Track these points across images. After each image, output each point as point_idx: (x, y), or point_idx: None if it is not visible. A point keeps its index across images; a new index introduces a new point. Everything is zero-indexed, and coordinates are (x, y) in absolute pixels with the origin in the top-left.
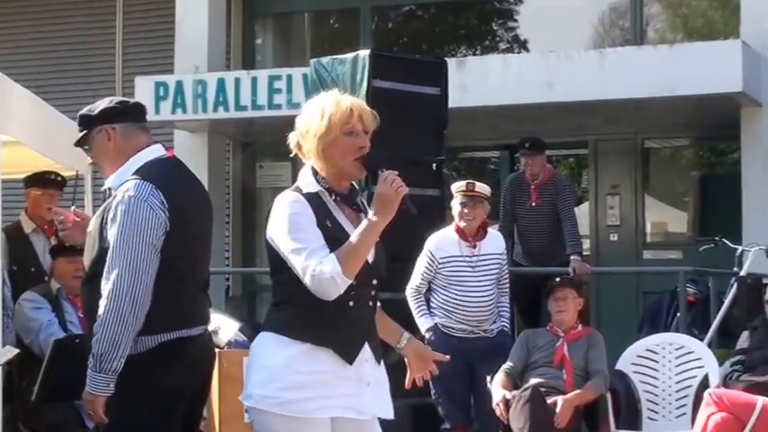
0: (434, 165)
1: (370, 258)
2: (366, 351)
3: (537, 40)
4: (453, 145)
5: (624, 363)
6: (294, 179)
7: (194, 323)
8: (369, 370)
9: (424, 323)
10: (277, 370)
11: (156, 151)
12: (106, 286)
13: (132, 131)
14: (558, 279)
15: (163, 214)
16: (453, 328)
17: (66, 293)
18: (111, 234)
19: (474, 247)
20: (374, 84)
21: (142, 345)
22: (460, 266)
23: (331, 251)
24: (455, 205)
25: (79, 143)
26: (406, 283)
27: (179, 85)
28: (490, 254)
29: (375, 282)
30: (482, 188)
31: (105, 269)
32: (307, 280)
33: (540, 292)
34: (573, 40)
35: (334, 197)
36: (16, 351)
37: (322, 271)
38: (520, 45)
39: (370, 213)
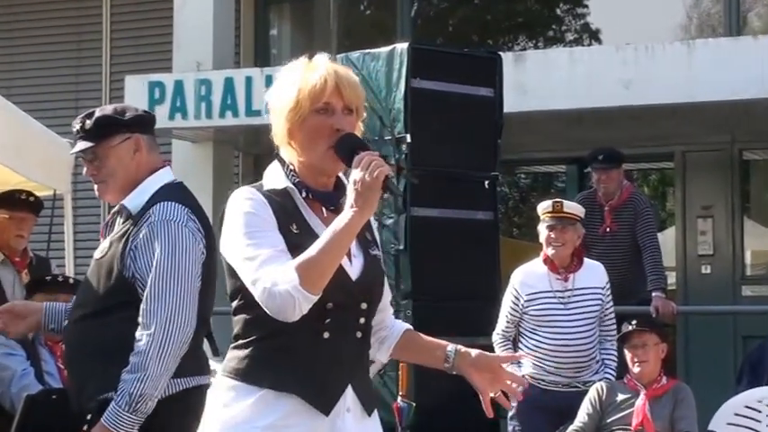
0: (486, 182)
1: (355, 273)
2: (348, 398)
3: (611, 30)
4: (509, 158)
5: (719, 423)
6: None
7: (208, 370)
8: (350, 424)
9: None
10: (230, 424)
11: (169, 173)
12: (150, 320)
13: (154, 147)
14: (635, 321)
15: (201, 243)
16: (544, 380)
17: (43, 339)
18: (147, 263)
19: (566, 280)
20: (414, 84)
21: (167, 389)
22: (550, 304)
23: None
24: (541, 229)
25: (85, 150)
26: (484, 324)
27: (178, 85)
28: (587, 288)
29: (364, 306)
30: (572, 207)
31: (146, 302)
32: (258, 295)
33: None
34: (655, 30)
35: (305, 195)
36: None
37: (275, 282)
38: (590, 36)
39: (346, 207)
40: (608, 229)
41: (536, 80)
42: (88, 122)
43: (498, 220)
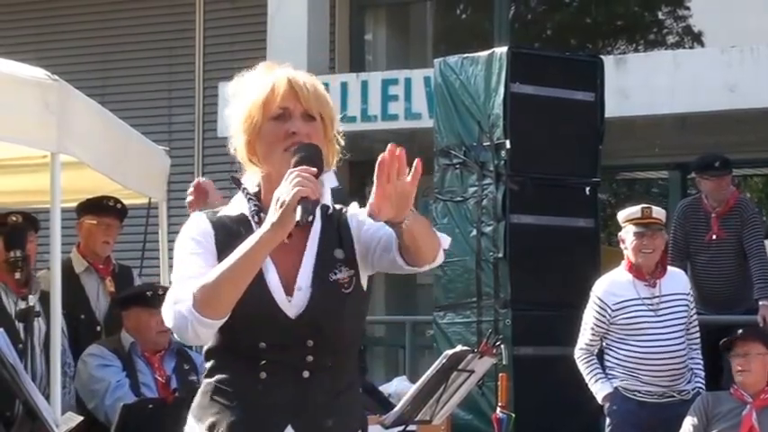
0: (587, 188)
1: (295, 310)
2: None
3: (715, 32)
4: (610, 163)
5: None
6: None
7: None
8: None
9: (600, 390)
10: None
11: (333, 179)
12: None
13: None
14: (740, 331)
15: None
16: (639, 392)
17: (140, 350)
18: None
19: (654, 286)
20: (513, 88)
21: None
22: (640, 312)
23: None
24: (628, 237)
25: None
26: (572, 334)
27: None
28: (674, 294)
29: (311, 343)
30: (659, 213)
31: None
32: (164, 316)
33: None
34: (760, 31)
35: (259, 220)
36: (79, 419)
37: (176, 300)
38: (693, 38)
39: (264, 223)
40: (714, 237)
41: (638, 84)
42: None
43: (599, 228)
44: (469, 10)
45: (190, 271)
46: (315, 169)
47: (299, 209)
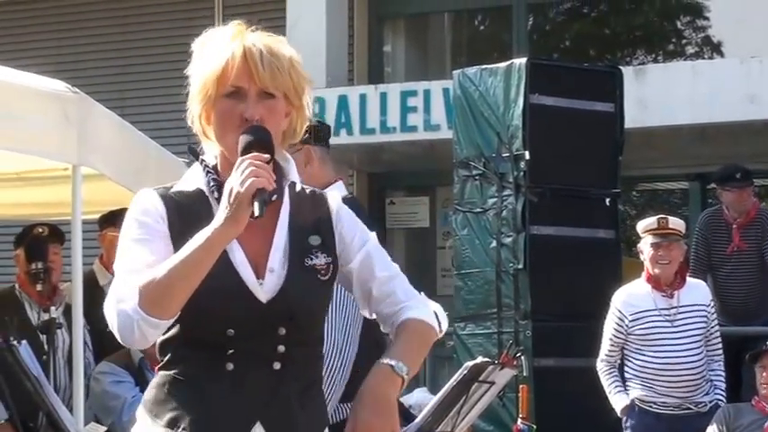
0: (608, 199)
1: (267, 294)
2: None
3: (734, 42)
4: (630, 174)
5: None
6: (433, 217)
7: None
8: None
9: (618, 402)
10: None
11: (342, 188)
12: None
13: (327, 159)
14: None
15: None
16: (655, 403)
17: (150, 364)
18: None
19: (671, 297)
20: (533, 100)
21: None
22: (657, 323)
23: None
24: (645, 248)
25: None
26: (592, 346)
27: None
28: (692, 305)
29: (282, 331)
30: (676, 224)
31: None
32: (106, 314)
33: (742, 358)
34: None
35: (218, 196)
36: (103, 429)
37: (120, 299)
38: (712, 49)
39: (216, 216)
40: (735, 249)
41: (657, 95)
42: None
43: (620, 239)
44: (488, 21)
45: (134, 263)
46: (267, 156)
47: (255, 204)
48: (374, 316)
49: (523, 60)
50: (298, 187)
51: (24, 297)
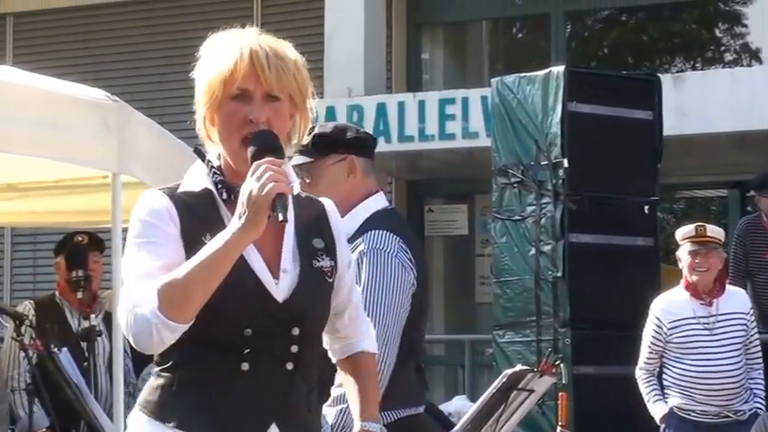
0: (646, 207)
1: (282, 293)
2: None
3: None
4: (668, 182)
5: None
6: (472, 225)
7: (420, 400)
8: None
9: (657, 410)
10: None
11: (383, 199)
12: None
13: (370, 171)
14: None
15: (412, 273)
16: (694, 411)
17: None
18: None
19: (710, 305)
20: (571, 108)
21: None
22: (695, 331)
23: None
24: (683, 255)
25: (300, 166)
26: (631, 353)
27: (330, 111)
28: (732, 313)
29: (296, 331)
30: (714, 231)
31: None
32: (120, 319)
33: None
34: None
35: (227, 197)
36: None
37: (135, 303)
38: (751, 56)
39: (233, 220)
40: None
41: (696, 102)
42: (307, 138)
43: (659, 246)
44: (526, 29)
45: (146, 267)
46: (282, 160)
47: (278, 208)
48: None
49: (561, 68)
50: (296, 191)
51: (65, 304)
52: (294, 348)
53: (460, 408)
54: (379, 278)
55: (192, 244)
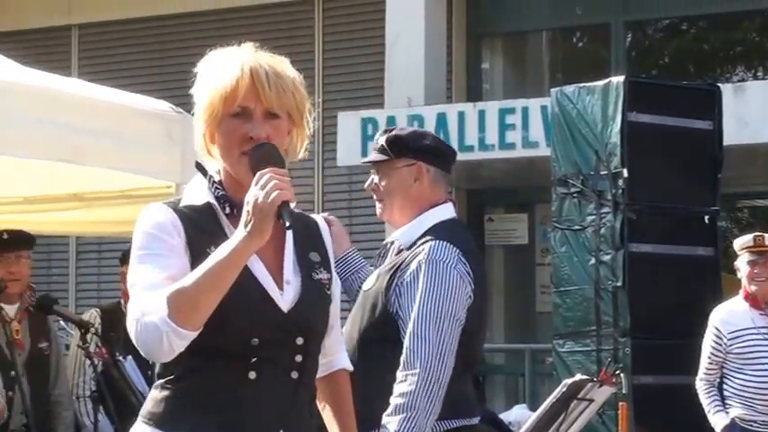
0: (707, 217)
1: (287, 304)
2: None
3: None
4: (730, 191)
5: None
6: (532, 234)
7: (475, 411)
8: None
9: (718, 421)
10: None
11: (450, 210)
12: (414, 360)
13: (440, 181)
14: None
15: (470, 285)
16: (756, 422)
17: None
18: (410, 301)
19: None
20: (631, 117)
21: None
22: (755, 341)
23: None
24: (741, 266)
25: (373, 164)
26: (691, 363)
27: (390, 121)
28: None
29: (300, 341)
30: None
31: (410, 341)
32: (128, 327)
33: None
34: None
35: (229, 211)
36: None
37: (144, 312)
38: None
39: (238, 229)
40: None
41: (757, 111)
42: (383, 138)
43: (720, 256)
44: (586, 39)
45: (153, 278)
46: (285, 170)
47: (284, 215)
48: None
49: (621, 78)
50: (291, 205)
51: None
52: (298, 358)
53: (520, 417)
54: (436, 288)
55: (197, 255)
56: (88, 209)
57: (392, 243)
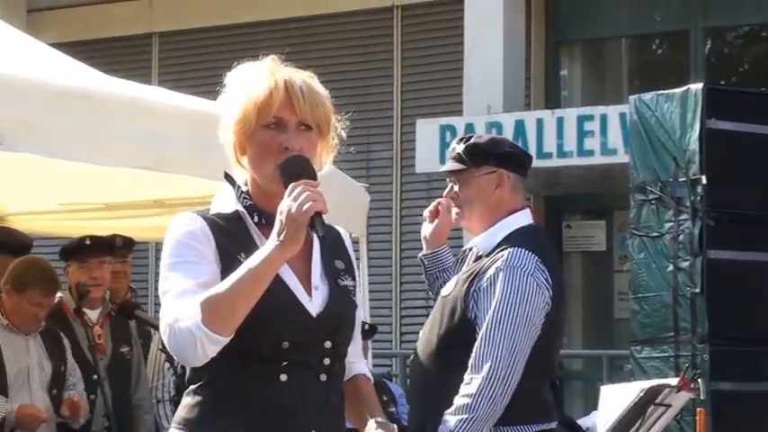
0: None
1: (316, 308)
2: None
3: None
4: None
5: None
6: (610, 240)
7: (553, 415)
8: None
9: None
10: None
11: (528, 217)
12: (482, 364)
13: (519, 187)
14: None
15: (547, 293)
16: None
17: None
18: (486, 306)
19: None
20: (710, 125)
21: None
22: None
23: None
24: None
25: (452, 172)
26: None
27: (469, 128)
28: None
29: (328, 344)
30: None
31: (480, 345)
32: (161, 332)
33: None
34: None
35: (258, 219)
36: None
37: (177, 318)
38: None
39: (270, 238)
40: None
41: None
42: (461, 146)
43: None
44: (665, 46)
45: (186, 284)
46: (317, 182)
47: (317, 225)
48: None
49: (700, 86)
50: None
51: None
52: (326, 361)
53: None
54: (513, 295)
55: (228, 263)
56: (170, 215)
57: (470, 249)
